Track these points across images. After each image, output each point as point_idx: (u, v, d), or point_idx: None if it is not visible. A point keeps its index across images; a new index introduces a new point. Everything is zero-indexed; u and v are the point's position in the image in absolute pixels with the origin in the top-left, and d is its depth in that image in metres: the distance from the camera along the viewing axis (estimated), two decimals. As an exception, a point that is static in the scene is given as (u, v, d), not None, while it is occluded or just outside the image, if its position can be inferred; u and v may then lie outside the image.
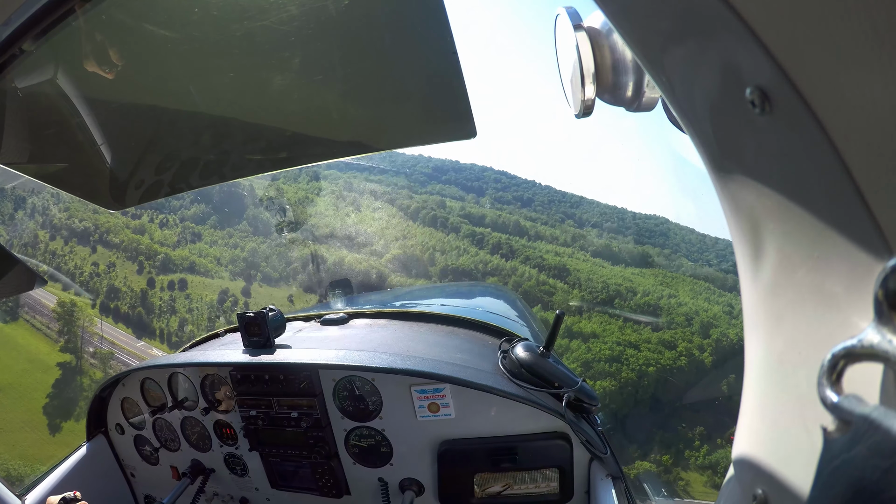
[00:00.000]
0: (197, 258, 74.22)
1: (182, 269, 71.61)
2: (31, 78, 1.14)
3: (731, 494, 0.71)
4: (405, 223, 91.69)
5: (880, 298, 0.32)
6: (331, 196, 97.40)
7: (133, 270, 69.87)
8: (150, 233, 75.92)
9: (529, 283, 75.84)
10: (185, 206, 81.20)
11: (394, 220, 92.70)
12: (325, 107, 1.20)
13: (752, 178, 0.52)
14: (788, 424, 0.56)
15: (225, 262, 75.47)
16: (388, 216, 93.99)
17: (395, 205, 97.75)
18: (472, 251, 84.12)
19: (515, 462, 1.93)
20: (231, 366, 2.18)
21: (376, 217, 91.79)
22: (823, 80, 0.38)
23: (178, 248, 75.53)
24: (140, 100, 1.28)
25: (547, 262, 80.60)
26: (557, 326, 2.01)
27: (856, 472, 0.30)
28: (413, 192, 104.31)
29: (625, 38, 0.59)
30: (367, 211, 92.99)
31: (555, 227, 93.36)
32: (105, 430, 2.64)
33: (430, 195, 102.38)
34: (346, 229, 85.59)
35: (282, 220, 76.34)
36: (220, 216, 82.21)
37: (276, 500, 2.39)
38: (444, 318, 2.66)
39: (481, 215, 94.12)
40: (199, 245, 77.41)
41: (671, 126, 0.71)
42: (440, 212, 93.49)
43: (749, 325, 0.63)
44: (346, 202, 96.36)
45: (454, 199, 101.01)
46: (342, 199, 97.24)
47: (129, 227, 74.83)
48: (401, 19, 1.00)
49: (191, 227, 79.77)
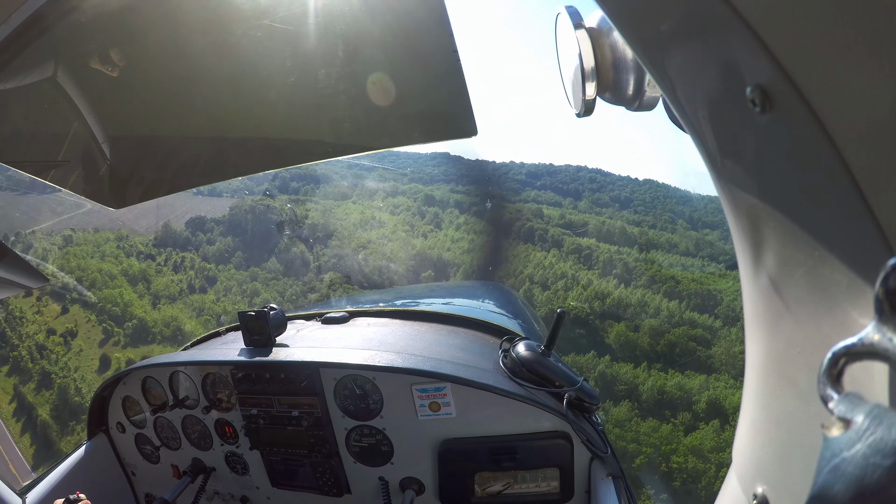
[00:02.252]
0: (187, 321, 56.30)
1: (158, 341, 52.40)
2: (31, 77, 1.14)
3: (731, 492, 0.71)
4: (498, 243, 76.96)
5: (881, 297, 0.32)
6: (406, 215, 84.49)
7: (95, 342, 50.76)
8: (150, 279, 61.45)
9: (676, 333, 48.31)
10: (209, 241, 70.01)
11: (480, 238, 76.36)
12: (326, 105, 1.20)
13: (752, 178, 0.52)
14: (788, 423, 0.56)
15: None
16: (476, 235, 77.39)
17: (485, 218, 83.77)
18: (583, 277, 63.19)
19: (516, 461, 1.93)
20: (232, 364, 2.18)
21: (462, 243, 74.72)
22: (823, 80, 0.38)
23: (174, 301, 59.52)
24: (140, 98, 1.28)
25: (683, 287, 56.76)
26: (558, 326, 2.01)
27: (856, 471, 0.30)
28: (506, 200, 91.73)
29: (625, 37, 0.59)
30: (452, 232, 78.12)
31: (670, 233, 74.34)
32: (106, 429, 2.64)
33: (524, 203, 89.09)
34: (422, 260, 70.99)
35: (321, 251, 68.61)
36: (248, 252, 69.92)
37: (277, 498, 2.39)
38: (445, 316, 2.66)
39: (583, 222, 78.77)
40: (207, 297, 62.39)
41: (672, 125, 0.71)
42: (537, 223, 78.68)
43: (749, 324, 0.63)
44: (426, 221, 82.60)
45: (551, 206, 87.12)
46: (420, 217, 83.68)
47: (127, 272, 60.05)
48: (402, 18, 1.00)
49: (206, 270, 66.22)
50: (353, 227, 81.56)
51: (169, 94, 1.25)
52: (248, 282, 65.83)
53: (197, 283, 66.20)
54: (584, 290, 60.32)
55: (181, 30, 1.06)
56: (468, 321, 2.59)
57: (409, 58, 1.04)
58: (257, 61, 1.11)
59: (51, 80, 1.15)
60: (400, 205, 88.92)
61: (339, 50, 1.04)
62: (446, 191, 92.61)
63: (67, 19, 0.98)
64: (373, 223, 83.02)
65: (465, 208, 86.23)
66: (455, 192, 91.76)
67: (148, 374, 2.43)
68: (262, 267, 68.89)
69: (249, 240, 73.52)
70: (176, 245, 70.25)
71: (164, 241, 70.72)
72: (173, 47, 1.10)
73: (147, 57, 1.15)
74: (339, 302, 3.76)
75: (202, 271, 67.96)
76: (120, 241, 68.40)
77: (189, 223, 74.26)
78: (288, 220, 77.02)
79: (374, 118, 1.22)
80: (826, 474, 0.32)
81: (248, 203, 76.25)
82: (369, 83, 1.10)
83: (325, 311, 2.86)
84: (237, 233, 74.02)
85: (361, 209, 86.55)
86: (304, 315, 2.93)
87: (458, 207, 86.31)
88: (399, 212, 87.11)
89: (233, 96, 1.23)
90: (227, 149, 1.39)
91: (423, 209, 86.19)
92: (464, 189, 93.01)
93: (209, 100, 1.25)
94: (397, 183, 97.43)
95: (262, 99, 1.22)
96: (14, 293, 1.68)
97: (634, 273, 62.27)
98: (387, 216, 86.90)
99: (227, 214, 76.03)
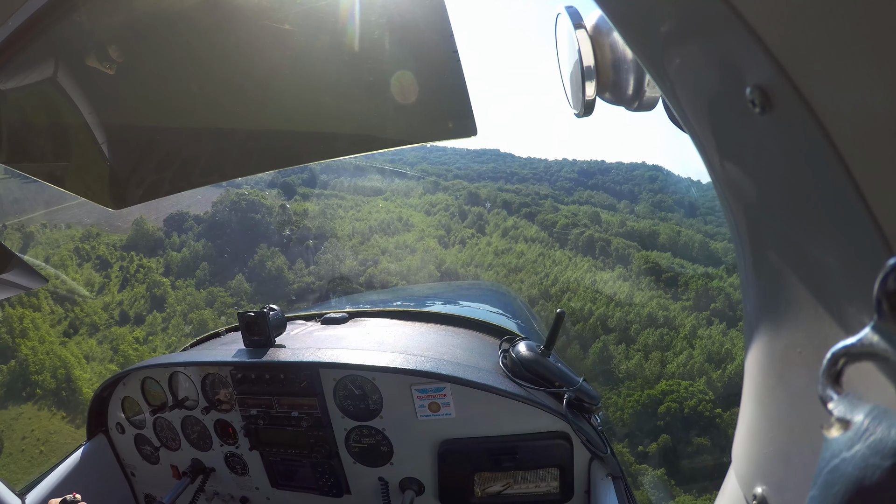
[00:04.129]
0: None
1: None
2: (31, 77, 1.14)
3: (730, 493, 0.71)
4: (553, 254, 62.01)
5: (880, 298, 0.32)
6: (443, 216, 72.34)
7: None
8: (79, 300, 47.17)
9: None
10: (179, 245, 57.37)
11: (537, 248, 62.88)
12: (325, 105, 1.20)
13: (751, 178, 0.52)
14: (788, 423, 0.56)
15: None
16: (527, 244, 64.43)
17: (537, 221, 71.61)
18: (677, 316, 41.96)
19: (516, 461, 1.93)
20: (231, 365, 2.18)
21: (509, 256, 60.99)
22: (823, 80, 0.38)
23: (95, 333, 44.16)
24: (140, 98, 1.28)
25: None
26: (558, 326, 2.02)
27: (855, 472, 0.30)
28: (558, 201, 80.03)
29: (625, 37, 0.59)
30: (497, 240, 65.28)
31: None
32: (105, 430, 2.64)
33: (579, 205, 78.67)
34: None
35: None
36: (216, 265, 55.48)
37: (277, 499, 2.39)
38: (444, 317, 2.66)
39: (651, 232, 64.90)
40: (134, 332, 46.44)
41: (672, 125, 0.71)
42: (596, 231, 65.59)
43: (749, 324, 0.63)
44: (467, 223, 70.51)
45: (607, 210, 75.95)
46: (461, 218, 72.00)
47: (56, 290, 45.08)
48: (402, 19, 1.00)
49: (159, 287, 51.72)
50: (369, 230, 68.29)
51: (169, 95, 1.25)
52: (200, 307, 51.93)
53: (136, 308, 51.00)
54: (689, 348, 37.33)
55: (181, 30, 1.06)
56: (468, 321, 2.59)
57: (409, 58, 1.04)
58: (257, 62, 1.11)
59: (51, 80, 1.15)
60: (438, 203, 78.28)
61: (339, 50, 1.04)
62: (493, 188, 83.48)
63: (67, 19, 0.98)
64: (397, 226, 70.46)
65: (515, 209, 75.64)
66: (503, 190, 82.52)
67: (147, 374, 2.43)
68: (227, 286, 54.16)
69: (223, 246, 60.52)
70: (144, 248, 58.50)
71: (133, 242, 59.09)
72: (174, 47, 1.10)
73: (147, 57, 1.15)
74: (339, 302, 3.76)
75: (154, 287, 53.04)
76: (85, 241, 56.72)
77: (168, 220, 62.33)
78: (278, 222, 66.26)
79: (375, 118, 1.22)
80: (826, 475, 0.32)
81: (232, 197, 63.10)
82: (369, 83, 1.10)
83: (325, 312, 2.86)
84: (214, 235, 61.29)
85: (390, 207, 75.65)
86: (304, 315, 2.93)
87: (505, 208, 76.62)
88: (436, 211, 76.28)
89: (233, 96, 1.23)
90: (226, 149, 1.39)
91: (466, 208, 76.31)
92: (513, 188, 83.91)
93: (210, 100, 1.25)
94: (440, 178, 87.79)
95: (262, 99, 1.22)
96: (13, 293, 1.68)
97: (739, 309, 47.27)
98: (418, 217, 75.05)
99: (210, 211, 64.00)
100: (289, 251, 61.86)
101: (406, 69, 1.07)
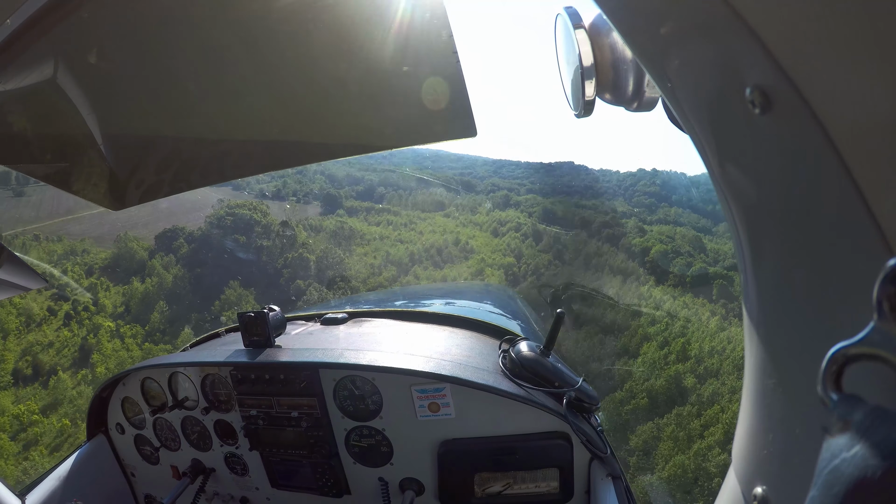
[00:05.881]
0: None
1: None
2: (31, 77, 1.14)
3: (730, 493, 0.71)
4: (650, 293, 46.41)
5: (881, 298, 0.32)
6: (513, 238, 58.68)
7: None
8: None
9: None
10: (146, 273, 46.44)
11: (636, 288, 46.52)
12: (325, 106, 1.20)
13: (751, 179, 0.52)
14: (788, 424, 0.56)
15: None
16: (626, 277, 48.11)
17: (622, 247, 55.65)
18: None
19: (515, 462, 1.93)
20: (231, 365, 2.18)
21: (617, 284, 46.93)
22: (823, 80, 0.38)
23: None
24: (141, 99, 1.28)
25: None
26: (558, 326, 2.02)
27: (856, 472, 0.30)
28: (643, 222, 63.84)
29: (624, 37, 0.59)
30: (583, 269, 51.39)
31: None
32: (105, 430, 2.64)
33: (675, 226, 61.88)
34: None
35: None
36: (178, 305, 43.99)
37: (277, 499, 2.39)
38: (444, 317, 2.67)
39: None
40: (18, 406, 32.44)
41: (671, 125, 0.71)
42: (701, 260, 50.95)
43: (749, 324, 0.63)
44: (542, 246, 56.31)
45: (704, 234, 59.98)
46: (535, 240, 57.52)
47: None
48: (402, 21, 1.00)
49: (94, 331, 40.24)
50: (409, 258, 52.44)
51: (169, 95, 1.25)
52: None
53: (54, 361, 37.39)
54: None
55: (182, 31, 1.06)
56: (467, 322, 2.59)
57: (409, 59, 1.04)
58: (258, 62, 1.12)
59: (51, 81, 1.15)
60: (508, 221, 65.10)
61: (339, 51, 1.04)
62: (570, 205, 70.82)
63: (67, 19, 0.98)
64: (451, 252, 52.93)
65: (595, 230, 60.20)
66: (580, 206, 69.57)
67: (147, 375, 2.43)
68: (180, 335, 39.33)
69: (199, 277, 47.39)
70: (114, 273, 47.55)
71: (115, 263, 48.77)
72: (174, 48, 1.10)
73: (148, 57, 1.15)
74: (339, 302, 3.76)
75: (93, 332, 40.30)
76: (66, 258, 47.26)
77: (160, 237, 52.19)
78: (276, 245, 52.08)
79: (375, 119, 1.22)
80: (826, 475, 0.32)
81: (221, 212, 51.83)
82: (369, 84, 1.11)
83: (325, 312, 2.86)
84: (193, 262, 48.64)
85: (448, 226, 62.05)
86: (304, 316, 2.93)
87: (584, 228, 61.78)
88: (505, 231, 63.00)
89: (233, 97, 1.23)
90: (226, 150, 1.39)
91: (540, 228, 63.09)
92: (590, 203, 71.23)
93: (210, 100, 1.25)
94: (511, 192, 76.89)
95: (262, 100, 1.22)
96: (13, 294, 1.68)
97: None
98: (482, 238, 59.72)
99: (203, 228, 52.82)
100: (270, 289, 46.87)
101: (406, 70, 1.07)
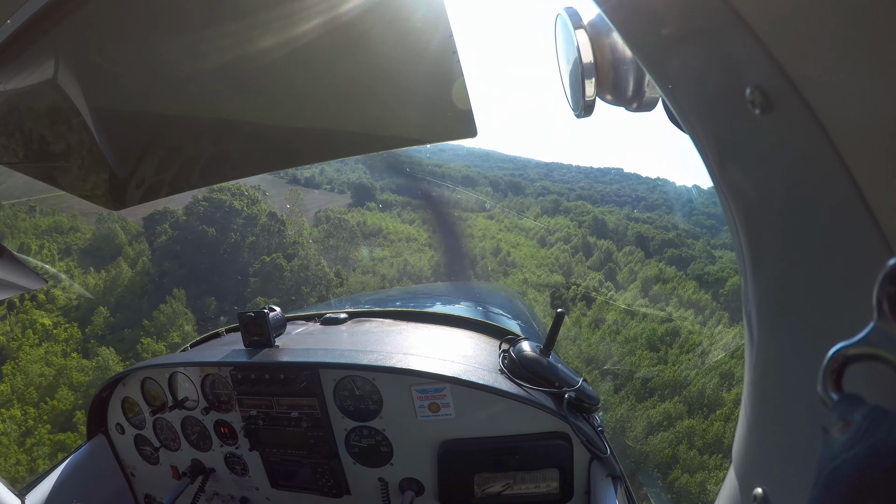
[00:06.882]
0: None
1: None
2: (31, 78, 1.14)
3: (731, 492, 0.71)
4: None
5: (881, 298, 0.32)
6: (561, 250, 50.31)
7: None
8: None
9: None
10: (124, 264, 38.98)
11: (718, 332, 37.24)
12: (325, 106, 1.20)
13: (751, 179, 0.52)
14: (788, 424, 0.56)
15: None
16: (699, 311, 38.53)
17: (691, 273, 45.35)
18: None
19: (515, 462, 1.93)
20: (231, 365, 2.18)
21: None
22: (823, 80, 0.38)
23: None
24: (141, 98, 1.28)
25: None
26: (558, 326, 2.02)
27: (855, 472, 0.30)
28: (711, 246, 53.48)
29: (624, 37, 0.59)
30: (638, 296, 41.98)
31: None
32: (105, 430, 2.64)
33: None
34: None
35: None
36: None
37: (277, 499, 2.39)
38: (444, 317, 2.67)
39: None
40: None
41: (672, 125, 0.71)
42: None
43: (749, 324, 0.63)
44: (593, 263, 47.31)
45: None
46: (585, 254, 48.55)
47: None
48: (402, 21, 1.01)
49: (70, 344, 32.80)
50: (432, 271, 43.77)
51: (170, 96, 1.25)
52: (29, 399, 29.16)
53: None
54: None
55: (182, 32, 1.06)
56: (468, 322, 2.59)
57: (410, 59, 1.04)
58: (257, 63, 1.12)
59: (51, 81, 1.15)
60: (557, 229, 56.47)
61: (339, 51, 1.04)
62: (622, 216, 62.16)
63: (67, 19, 0.98)
64: (490, 263, 45.47)
65: (655, 249, 51.15)
66: (632, 219, 61.18)
67: (147, 375, 2.42)
68: (116, 349, 33.03)
69: (163, 273, 39.33)
70: (89, 258, 41.16)
71: (94, 246, 41.89)
72: (174, 47, 1.10)
73: (148, 58, 1.15)
74: (339, 302, 3.76)
75: (28, 327, 33.21)
76: (47, 235, 41.15)
77: (149, 219, 44.60)
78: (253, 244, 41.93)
79: (374, 119, 1.22)
80: (826, 475, 0.32)
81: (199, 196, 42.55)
82: (369, 84, 1.11)
83: (325, 312, 2.86)
84: (167, 254, 41.05)
85: (491, 230, 54.02)
86: (304, 316, 2.93)
87: (639, 244, 52.72)
88: (553, 241, 54.85)
89: (233, 98, 1.23)
90: (226, 150, 1.39)
91: (591, 241, 54.92)
92: (643, 216, 63.02)
93: (210, 101, 1.25)
94: (562, 198, 70.02)
95: (262, 101, 1.22)
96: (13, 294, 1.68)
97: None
98: (528, 248, 51.79)
99: (182, 216, 44.79)
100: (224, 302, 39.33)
101: (406, 70, 1.07)
